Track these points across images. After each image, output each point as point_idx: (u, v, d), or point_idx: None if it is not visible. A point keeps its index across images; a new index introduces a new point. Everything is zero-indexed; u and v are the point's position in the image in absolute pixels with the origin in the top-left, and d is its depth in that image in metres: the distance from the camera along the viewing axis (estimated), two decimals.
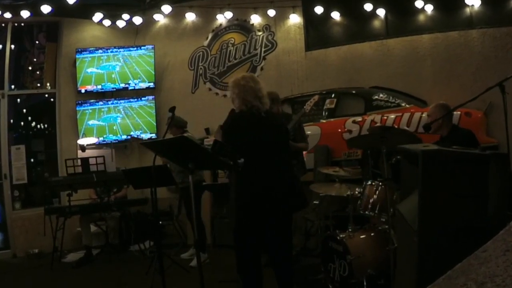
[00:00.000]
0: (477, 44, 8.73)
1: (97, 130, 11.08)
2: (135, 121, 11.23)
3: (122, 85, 11.19)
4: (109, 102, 11.22)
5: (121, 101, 11.24)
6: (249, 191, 4.81)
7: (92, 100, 11.15)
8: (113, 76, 11.26)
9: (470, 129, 6.19)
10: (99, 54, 11.20)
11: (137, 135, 11.13)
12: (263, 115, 4.92)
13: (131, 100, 11.26)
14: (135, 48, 11.33)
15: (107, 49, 11.26)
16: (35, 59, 11.36)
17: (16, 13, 10.04)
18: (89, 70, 11.16)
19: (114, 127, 11.23)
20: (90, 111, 11.13)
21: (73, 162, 8.66)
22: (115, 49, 11.28)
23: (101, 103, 11.19)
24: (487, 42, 8.65)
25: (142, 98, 11.25)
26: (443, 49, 8.98)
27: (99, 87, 11.10)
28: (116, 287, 7.18)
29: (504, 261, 1.49)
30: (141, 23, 11.41)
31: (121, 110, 11.21)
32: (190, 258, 8.05)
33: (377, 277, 5.49)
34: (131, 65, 11.25)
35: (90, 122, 11.10)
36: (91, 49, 11.19)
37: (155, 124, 11.21)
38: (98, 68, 11.17)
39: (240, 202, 4.89)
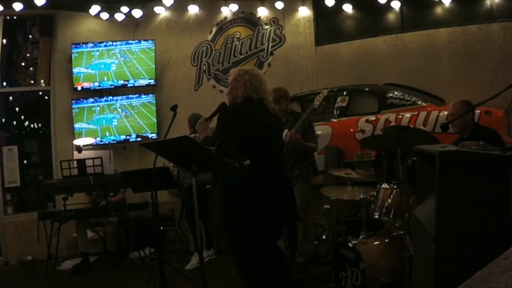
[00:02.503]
0: (498, 39, 8.72)
1: (86, 135, 10.90)
2: (136, 123, 11.15)
3: (121, 82, 11.18)
4: (102, 100, 11.16)
5: (119, 98, 11.21)
6: (265, 200, 4.52)
7: (81, 98, 11.08)
8: (105, 78, 11.13)
9: (494, 129, 6.16)
10: (89, 49, 11.09)
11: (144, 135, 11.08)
12: (272, 112, 4.85)
13: (130, 97, 11.25)
14: (135, 42, 11.33)
15: (98, 44, 11.18)
16: (28, 55, 11.38)
17: (8, 6, 10.07)
18: (75, 70, 11.04)
19: (107, 133, 11.10)
20: (77, 110, 11.01)
21: (68, 164, 8.67)
22: (109, 44, 11.22)
23: (91, 100, 11.08)
24: (508, 36, 8.63)
25: (143, 96, 11.28)
26: (461, 44, 8.98)
27: (96, 84, 11.08)
28: None
29: None
30: (141, 16, 11.43)
31: (118, 108, 11.15)
32: (196, 266, 7.99)
33: (391, 286, 5.49)
34: (131, 63, 11.19)
35: (77, 125, 10.96)
36: (77, 43, 11.09)
37: (155, 121, 11.22)
38: (87, 67, 11.02)
39: (251, 211, 4.52)
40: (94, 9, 10.98)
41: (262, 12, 10.72)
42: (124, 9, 11.18)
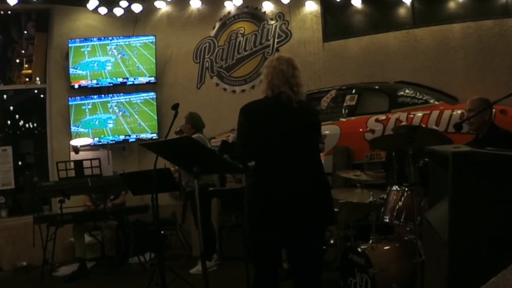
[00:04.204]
0: None
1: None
2: (136, 124, 11.12)
3: (120, 79, 11.17)
4: (95, 97, 11.14)
5: (115, 95, 11.21)
6: (270, 199, 4.36)
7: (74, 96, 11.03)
8: (101, 78, 11.11)
9: (509, 130, 6.15)
10: (77, 44, 11.06)
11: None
12: (295, 106, 4.56)
13: (130, 94, 11.25)
14: (134, 37, 11.36)
15: (89, 39, 11.14)
16: (23, 51, 11.40)
17: (2, 0, 10.06)
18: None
19: (102, 136, 11.09)
20: None
21: (65, 165, 8.66)
22: (103, 38, 11.21)
23: (79, 98, 11.05)
24: None
25: (142, 94, 11.27)
26: (476, 40, 8.97)
27: (95, 82, 11.07)
28: None
29: None
30: (141, 11, 11.44)
31: (115, 107, 11.13)
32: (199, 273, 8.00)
33: None
34: (131, 61, 11.17)
35: None
36: (73, 40, 11.04)
37: (156, 118, 11.20)
38: (76, 67, 10.99)
39: (255, 212, 4.47)
40: (92, 3, 10.98)
41: (268, 6, 10.72)
42: (123, 3, 11.16)
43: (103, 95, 11.17)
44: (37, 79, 11.22)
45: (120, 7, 11.24)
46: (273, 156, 4.33)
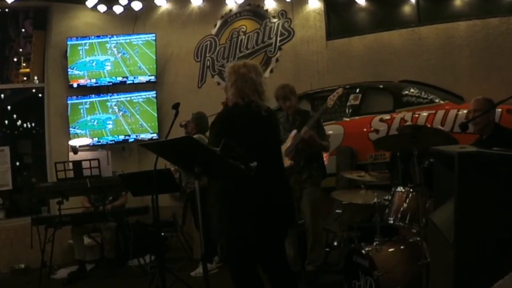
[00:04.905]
0: None
1: None
2: (138, 125, 11.10)
3: (120, 78, 11.17)
4: (92, 96, 11.12)
5: (115, 94, 11.19)
6: (250, 205, 4.60)
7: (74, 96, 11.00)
8: (100, 77, 11.11)
9: None
10: (74, 43, 11.03)
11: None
12: (264, 114, 4.72)
13: (131, 93, 11.23)
14: (135, 35, 11.35)
15: (86, 38, 11.12)
16: (21, 50, 11.40)
17: None
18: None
19: (102, 136, 11.09)
20: None
21: (64, 166, 8.64)
22: (101, 36, 11.19)
23: (75, 97, 11.01)
24: None
25: (143, 93, 11.27)
26: (482, 38, 8.96)
27: (94, 81, 11.06)
28: None
29: None
30: (141, 9, 11.43)
31: (115, 107, 11.09)
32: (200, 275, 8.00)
33: None
34: (132, 60, 11.16)
35: None
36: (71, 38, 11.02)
37: (156, 118, 11.19)
38: (73, 67, 10.95)
39: (237, 217, 4.71)
40: (91, 1, 10.98)
41: (270, 4, 10.71)
42: (123, 1, 11.16)
43: (102, 94, 11.15)
44: (35, 78, 11.21)
45: (120, 4, 11.23)
46: (261, 160, 4.39)
